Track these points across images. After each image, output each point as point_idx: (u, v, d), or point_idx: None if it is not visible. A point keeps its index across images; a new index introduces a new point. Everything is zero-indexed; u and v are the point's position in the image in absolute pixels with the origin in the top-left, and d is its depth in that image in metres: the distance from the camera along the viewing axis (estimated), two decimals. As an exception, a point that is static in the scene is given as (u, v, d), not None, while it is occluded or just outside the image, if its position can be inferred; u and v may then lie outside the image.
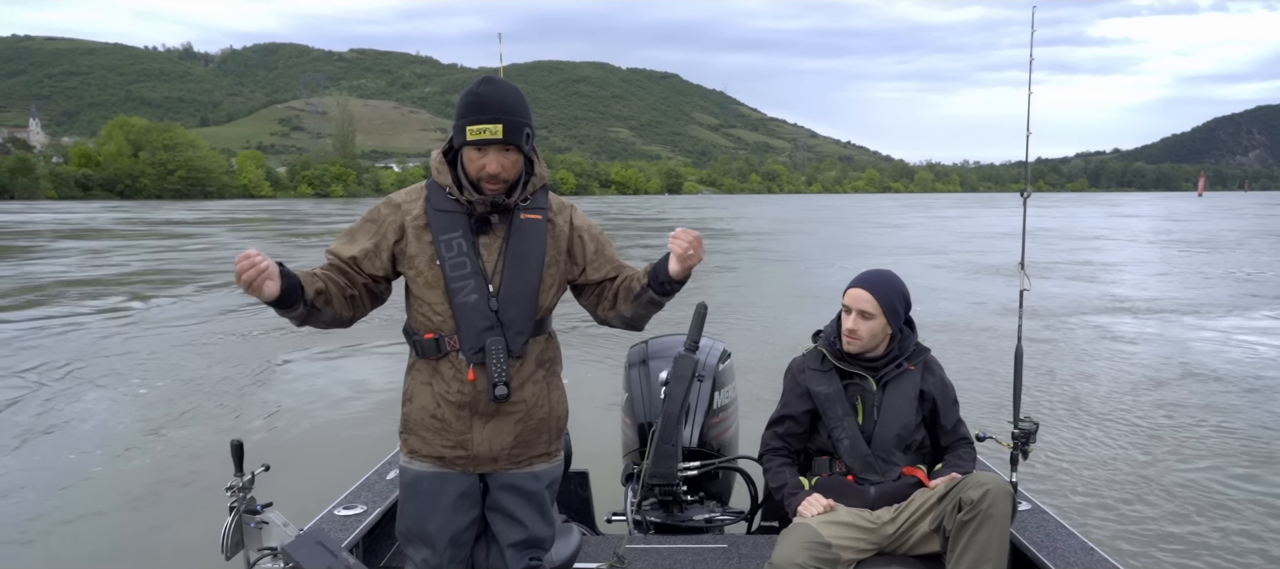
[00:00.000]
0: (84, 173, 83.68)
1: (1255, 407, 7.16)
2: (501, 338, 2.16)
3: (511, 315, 2.17)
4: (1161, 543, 4.45)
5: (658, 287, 2.20)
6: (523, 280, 2.18)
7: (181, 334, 10.69)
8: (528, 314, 2.20)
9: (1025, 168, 2.96)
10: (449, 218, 2.17)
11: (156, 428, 6.53)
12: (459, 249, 2.15)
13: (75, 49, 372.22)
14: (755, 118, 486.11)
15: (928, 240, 30.22)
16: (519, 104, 2.11)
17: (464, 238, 2.16)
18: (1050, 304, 13.02)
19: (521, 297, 2.18)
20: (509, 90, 2.11)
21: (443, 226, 2.16)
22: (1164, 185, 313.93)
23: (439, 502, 2.23)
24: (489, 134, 2.07)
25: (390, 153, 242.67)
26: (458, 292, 2.14)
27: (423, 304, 2.19)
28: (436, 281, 2.16)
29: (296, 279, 2.03)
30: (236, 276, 1.94)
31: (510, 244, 2.18)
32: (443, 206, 2.17)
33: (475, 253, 2.16)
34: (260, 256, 1.93)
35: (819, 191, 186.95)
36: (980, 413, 6.47)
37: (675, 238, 2.14)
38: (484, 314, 2.15)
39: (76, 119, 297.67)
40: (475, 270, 2.15)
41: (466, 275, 2.14)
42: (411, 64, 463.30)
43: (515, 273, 2.18)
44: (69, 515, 4.88)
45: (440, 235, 2.16)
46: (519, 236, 2.19)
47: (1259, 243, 28.18)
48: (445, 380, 2.19)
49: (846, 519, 2.45)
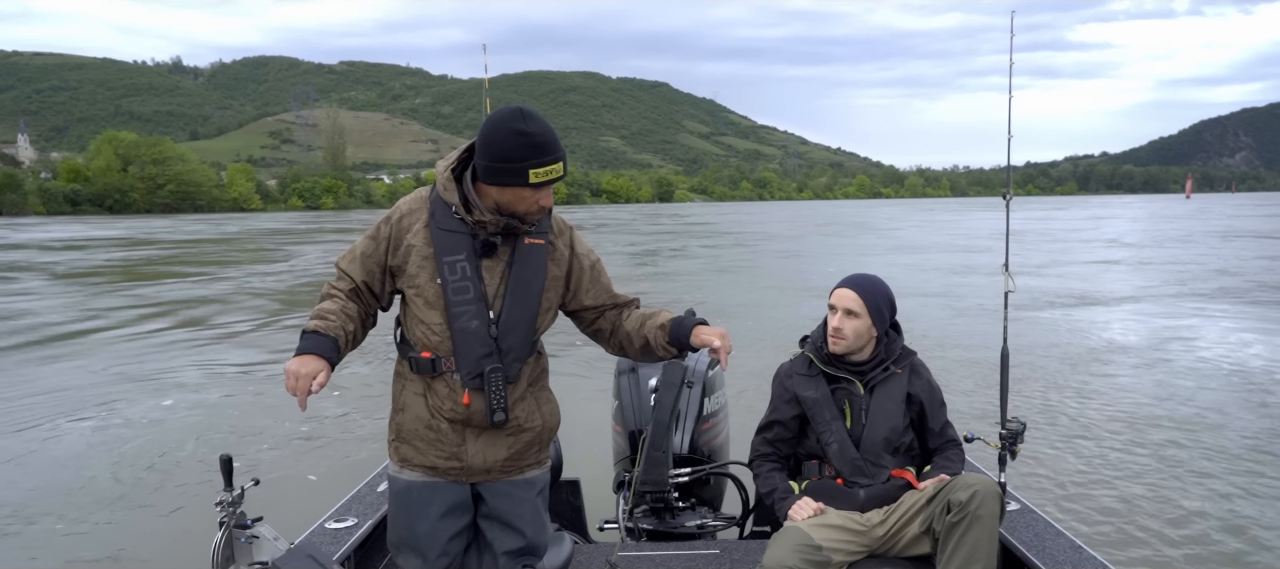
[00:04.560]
0: (73, 188, 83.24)
1: (1240, 403, 7.21)
2: (500, 365, 2.14)
3: (510, 342, 2.15)
4: (1150, 540, 4.47)
5: (680, 349, 2.25)
6: (523, 307, 2.16)
7: (162, 349, 10.64)
8: (526, 340, 2.19)
9: (1007, 171, 2.98)
10: (454, 239, 2.11)
11: (143, 443, 6.50)
12: (462, 272, 2.11)
13: (63, 64, 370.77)
14: (746, 125, 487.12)
15: (933, 240, 30.32)
16: (556, 136, 2.07)
17: (468, 261, 2.11)
18: (1042, 304, 13.08)
19: (521, 323, 2.17)
20: (543, 124, 2.05)
21: (447, 247, 2.11)
22: (1152, 187, 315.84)
23: (429, 510, 2.23)
24: (556, 174, 2.04)
25: (381, 164, 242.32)
26: (458, 316, 2.11)
27: (421, 323, 2.15)
28: (437, 302, 2.12)
29: (337, 348, 2.08)
30: (289, 388, 1.98)
31: (514, 269, 2.15)
32: (448, 226, 2.12)
33: (478, 277, 2.12)
34: (309, 380, 1.97)
35: (810, 198, 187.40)
36: (967, 415, 6.50)
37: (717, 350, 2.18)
38: (483, 340, 2.12)
39: (65, 134, 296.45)
40: (477, 295, 2.11)
41: (468, 300, 2.11)
42: (402, 75, 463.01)
43: (517, 299, 2.15)
44: (47, 527, 4.84)
45: (444, 257, 2.11)
46: (522, 262, 2.16)
47: (1248, 243, 28.36)
48: (439, 397, 2.18)
49: (837, 522, 2.46)
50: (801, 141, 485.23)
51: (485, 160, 2.05)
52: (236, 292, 17.19)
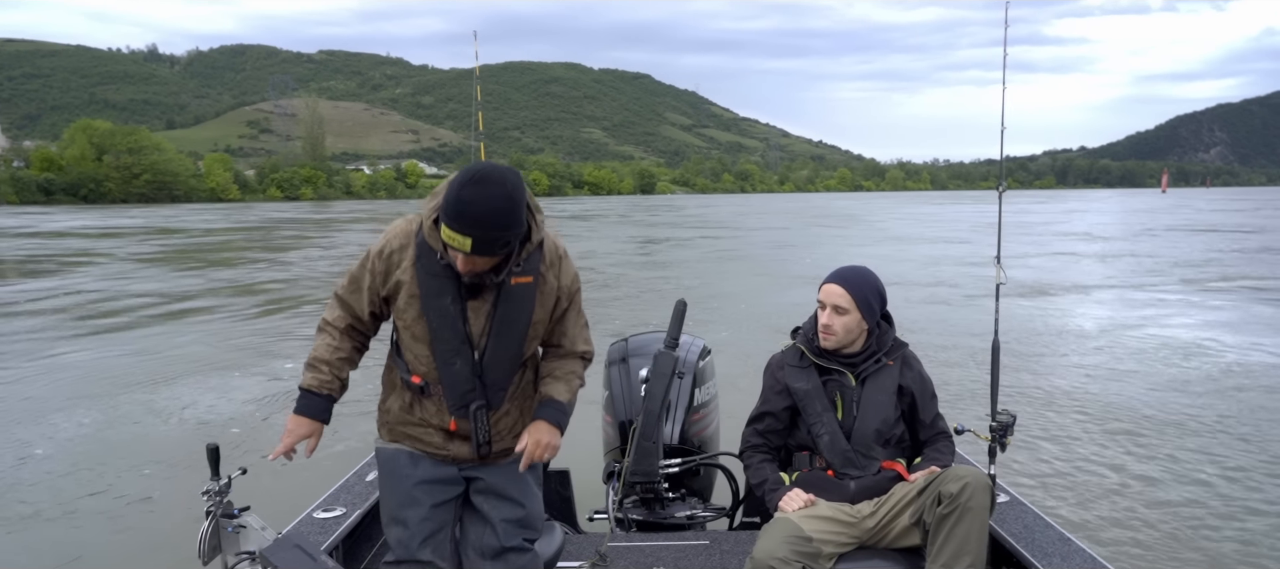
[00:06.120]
0: (46, 177, 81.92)
1: (1222, 393, 7.31)
2: (484, 400, 2.20)
3: (495, 376, 2.21)
4: (1138, 530, 4.52)
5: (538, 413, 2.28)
6: (508, 343, 2.20)
7: (150, 339, 10.53)
8: (511, 373, 2.25)
9: (1000, 164, 2.99)
10: (438, 282, 2.12)
11: (133, 433, 6.42)
12: (447, 314, 2.13)
13: (36, 51, 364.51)
14: (728, 118, 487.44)
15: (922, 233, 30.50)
16: (497, 216, 1.95)
17: (453, 302, 2.13)
18: (1026, 297, 13.19)
19: (506, 359, 2.21)
20: (491, 198, 1.94)
21: (432, 291, 2.13)
22: (1129, 182, 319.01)
23: (415, 479, 2.25)
24: (456, 244, 1.97)
25: (361, 155, 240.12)
26: (443, 354, 2.16)
27: (410, 351, 2.21)
28: (424, 338, 2.17)
29: (332, 404, 2.26)
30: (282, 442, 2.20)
31: (499, 309, 2.16)
32: (432, 270, 2.12)
33: (463, 317, 2.14)
34: (296, 439, 2.19)
35: (791, 191, 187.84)
36: (958, 406, 6.54)
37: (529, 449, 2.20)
38: (467, 378, 2.17)
39: (38, 122, 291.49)
40: (462, 337, 2.15)
41: (453, 341, 2.14)
42: (381, 65, 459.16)
43: (501, 338, 2.18)
44: (32, 517, 4.78)
45: (429, 300, 2.13)
46: (507, 302, 2.16)
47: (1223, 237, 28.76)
48: (428, 412, 2.24)
49: (827, 514, 2.47)
50: (783, 134, 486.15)
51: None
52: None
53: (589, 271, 18.09)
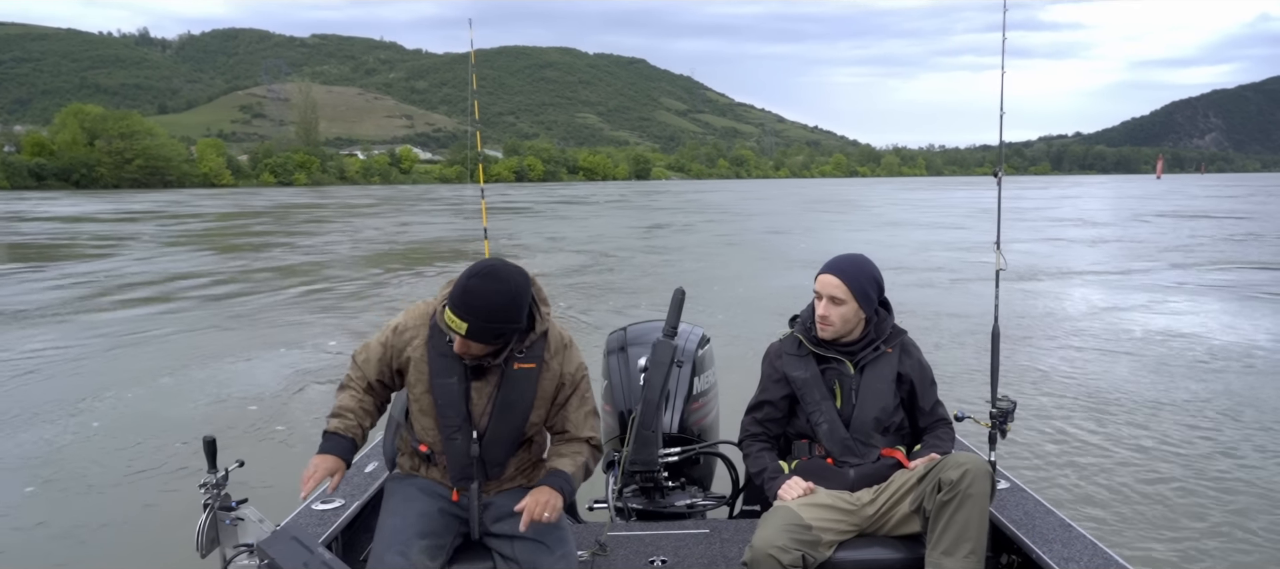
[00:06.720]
0: (38, 162, 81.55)
1: (1212, 374, 7.35)
2: (481, 478, 2.36)
3: (494, 454, 2.37)
4: (1139, 518, 4.53)
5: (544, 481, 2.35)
6: (508, 426, 2.35)
7: (147, 329, 10.48)
8: (510, 452, 2.40)
9: (1000, 149, 2.97)
10: (447, 362, 2.30)
11: (126, 425, 6.40)
12: (452, 394, 2.30)
13: (26, 34, 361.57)
14: (723, 103, 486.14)
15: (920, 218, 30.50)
16: (496, 312, 2.15)
17: (459, 382, 2.30)
18: (1020, 281, 13.21)
19: (505, 440, 2.37)
20: (495, 293, 2.15)
21: (440, 370, 2.31)
22: (1124, 168, 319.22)
23: (416, 505, 2.33)
24: (454, 327, 2.16)
25: (355, 140, 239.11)
26: (447, 431, 2.33)
27: (418, 422, 2.39)
28: (429, 411, 2.34)
29: (355, 447, 2.35)
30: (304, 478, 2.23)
31: (500, 393, 2.32)
32: (442, 350, 2.30)
33: (466, 398, 2.30)
34: (322, 476, 2.23)
35: (786, 176, 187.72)
36: (948, 388, 6.55)
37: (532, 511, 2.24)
38: (466, 455, 2.33)
39: (29, 107, 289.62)
40: (464, 417, 2.31)
41: (454, 419, 2.31)
42: (375, 49, 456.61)
43: (501, 420, 2.33)
44: (32, 512, 4.76)
45: (437, 378, 2.31)
46: (509, 387, 2.32)
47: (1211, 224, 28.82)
48: (433, 476, 2.43)
49: (827, 502, 2.46)
50: (778, 119, 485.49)
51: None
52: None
53: (591, 256, 18.08)
